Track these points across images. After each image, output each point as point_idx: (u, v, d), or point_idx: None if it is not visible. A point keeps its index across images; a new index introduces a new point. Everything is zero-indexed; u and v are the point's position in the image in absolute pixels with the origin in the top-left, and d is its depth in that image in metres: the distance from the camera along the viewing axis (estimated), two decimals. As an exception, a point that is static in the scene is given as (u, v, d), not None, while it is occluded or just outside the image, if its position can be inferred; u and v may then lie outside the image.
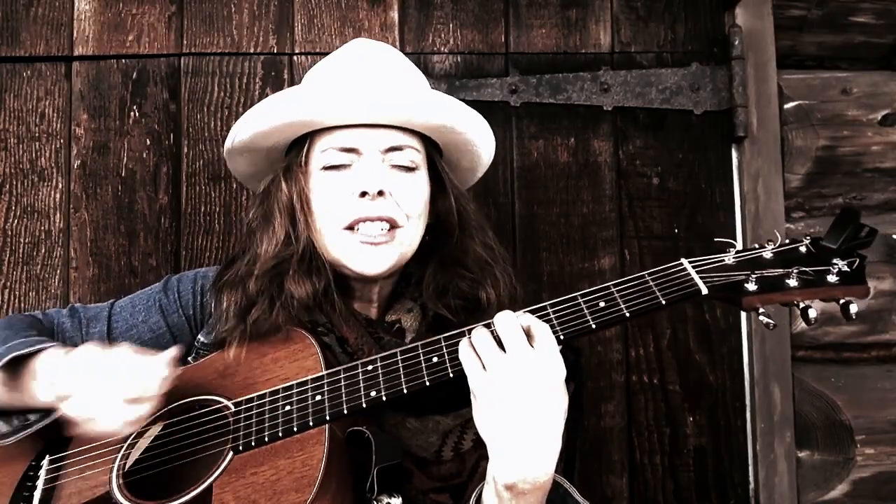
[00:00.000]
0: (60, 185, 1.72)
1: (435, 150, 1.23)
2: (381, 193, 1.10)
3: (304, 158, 1.17)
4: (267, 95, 1.74)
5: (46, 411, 1.06)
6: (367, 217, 1.10)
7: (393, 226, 1.12)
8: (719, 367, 1.78)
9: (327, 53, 1.77)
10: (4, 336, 1.11)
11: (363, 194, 1.10)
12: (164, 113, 1.74)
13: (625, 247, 1.79)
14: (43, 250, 1.71)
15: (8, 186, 1.71)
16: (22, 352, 1.05)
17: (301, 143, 1.18)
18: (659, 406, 1.76)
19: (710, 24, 1.83)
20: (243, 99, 1.75)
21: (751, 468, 1.77)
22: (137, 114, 1.74)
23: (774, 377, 1.75)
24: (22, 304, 1.70)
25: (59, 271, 1.71)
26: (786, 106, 1.82)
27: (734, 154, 1.82)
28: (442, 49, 1.78)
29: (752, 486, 1.76)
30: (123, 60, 1.74)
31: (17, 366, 1.06)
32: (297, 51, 1.77)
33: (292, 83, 1.75)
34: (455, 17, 1.80)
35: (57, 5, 1.74)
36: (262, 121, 1.15)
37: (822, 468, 1.78)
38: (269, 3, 1.77)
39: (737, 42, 1.77)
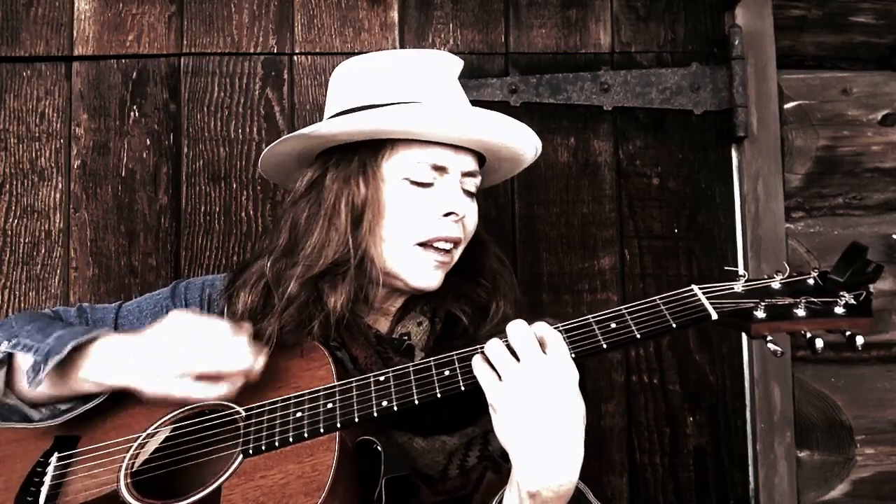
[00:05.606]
0: (60, 185, 1.72)
1: None
2: (461, 217, 1.14)
3: (380, 162, 1.14)
4: (267, 95, 1.75)
5: (82, 400, 1.07)
6: (446, 237, 1.13)
7: (455, 246, 1.16)
8: (719, 367, 1.78)
9: (327, 53, 1.79)
10: (39, 327, 1.10)
11: (447, 214, 1.12)
12: (164, 113, 1.74)
13: (625, 247, 1.79)
14: (43, 250, 1.71)
15: (8, 186, 1.72)
16: (81, 339, 1.05)
17: (375, 146, 1.14)
18: (659, 406, 1.76)
19: (710, 24, 1.83)
20: (243, 99, 1.75)
21: (751, 468, 1.77)
22: (137, 114, 1.74)
23: (774, 377, 1.75)
24: (22, 304, 1.70)
25: (59, 271, 1.71)
26: (786, 106, 1.82)
27: (734, 154, 1.82)
28: (442, 49, 1.78)
29: (752, 486, 1.76)
30: (123, 60, 1.74)
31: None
32: (297, 51, 1.76)
33: (292, 83, 1.75)
34: (455, 17, 1.80)
35: (57, 5, 1.74)
36: (365, 122, 1.10)
37: (822, 468, 1.78)
38: (269, 3, 1.77)
39: (737, 42, 1.77)
